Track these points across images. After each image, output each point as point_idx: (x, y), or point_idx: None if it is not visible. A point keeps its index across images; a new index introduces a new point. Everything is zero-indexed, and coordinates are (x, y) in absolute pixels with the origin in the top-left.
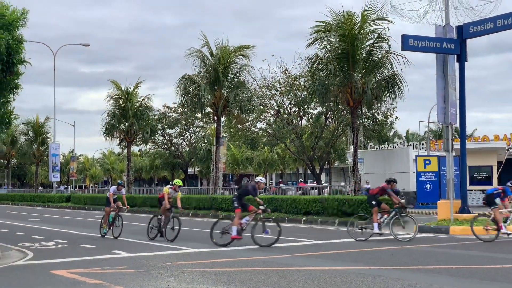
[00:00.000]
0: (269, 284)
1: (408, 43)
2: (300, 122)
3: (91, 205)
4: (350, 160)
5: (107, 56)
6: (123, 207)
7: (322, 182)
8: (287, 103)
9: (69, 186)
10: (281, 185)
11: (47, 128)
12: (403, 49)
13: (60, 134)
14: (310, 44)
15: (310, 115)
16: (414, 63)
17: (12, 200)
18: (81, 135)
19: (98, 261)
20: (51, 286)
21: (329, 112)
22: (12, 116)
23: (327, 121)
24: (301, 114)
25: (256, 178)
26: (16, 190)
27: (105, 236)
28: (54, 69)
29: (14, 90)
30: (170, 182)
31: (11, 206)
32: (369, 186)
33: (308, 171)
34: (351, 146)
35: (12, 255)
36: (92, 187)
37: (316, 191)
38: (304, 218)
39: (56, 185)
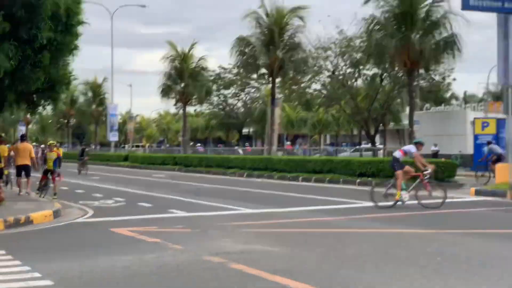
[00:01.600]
0: (324, 246)
1: (469, 2)
2: (355, 84)
3: (148, 164)
4: (406, 122)
5: (165, 17)
6: None
7: (377, 144)
8: (342, 65)
9: (126, 145)
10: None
11: (105, 89)
12: (463, 8)
13: (117, 94)
14: (366, 1)
15: (365, 77)
16: (474, 24)
17: (72, 158)
18: (138, 95)
19: (157, 220)
20: (112, 244)
21: (385, 74)
22: (72, 77)
23: (383, 83)
24: (356, 75)
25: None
26: (76, 148)
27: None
28: (112, 30)
29: (73, 51)
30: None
31: (70, 164)
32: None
33: (363, 133)
34: (407, 108)
35: (73, 213)
36: (148, 146)
37: (371, 153)
38: (358, 180)
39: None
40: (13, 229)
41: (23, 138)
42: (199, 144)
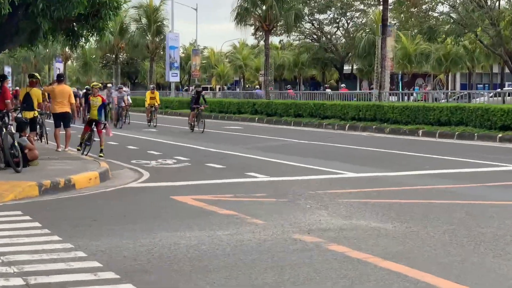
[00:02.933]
0: (453, 223)
1: None
2: (496, 4)
3: (219, 112)
4: None
5: None
6: None
7: None
8: None
9: (190, 88)
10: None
11: (163, 14)
12: None
13: (179, 20)
14: None
15: None
16: None
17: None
18: (205, 22)
19: (230, 186)
20: (174, 216)
21: None
22: None
23: None
24: None
25: None
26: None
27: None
28: None
29: None
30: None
31: (138, 115)
32: None
33: (506, 70)
34: None
35: (124, 175)
36: (220, 89)
37: None
38: (500, 135)
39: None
40: (50, 195)
41: (60, 78)
42: (257, 87)
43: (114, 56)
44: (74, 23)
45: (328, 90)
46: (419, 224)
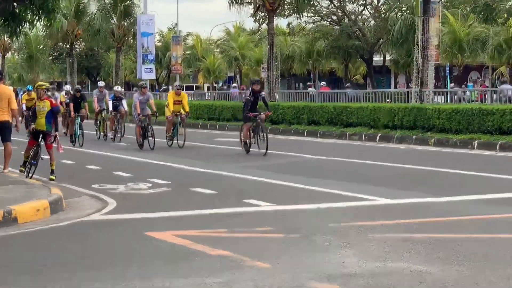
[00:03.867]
0: None
1: None
2: None
3: (208, 120)
4: None
5: None
6: None
7: None
8: None
9: (170, 87)
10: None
11: None
12: None
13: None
14: None
15: None
16: None
17: None
18: (189, 0)
19: (224, 217)
20: (150, 259)
21: None
22: None
23: None
24: None
25: None
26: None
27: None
28: None
29: None
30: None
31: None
32: None
33: None
34: None
35: (83, 204)
36: (209, 88)
37: None
38: None
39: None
40: None
41: None
42: (234, 85)
43: (68, 46)
44: (15, 3)
45: (311, 89)
46: (476, 267)
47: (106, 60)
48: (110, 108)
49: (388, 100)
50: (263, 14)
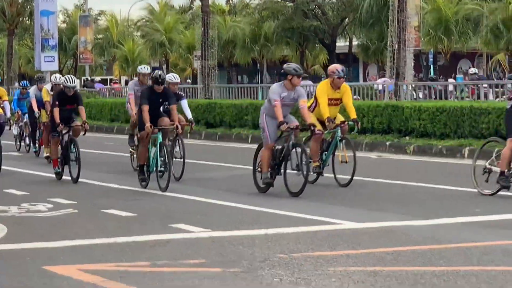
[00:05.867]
0: None
1: None
2: None
3: (124, 122)
4: None
5: None
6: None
7: None
8: None
9: (77, 81)
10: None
11: None
12: None
13: None
14: None
15: None
16: None
17: None
18: None
19: (145, 247)
20: None
21: None
22: None
23: None
24: None
25: None
26: None
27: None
28: None
29: None
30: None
31: None
32: None
33: None
34: None
35: None
36: (127, 82)
37: None
38: None
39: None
40: None
41: None
42: (89, 79)
43: None
44: None
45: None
46: None
47: None
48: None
49: (355, 97)
50: None
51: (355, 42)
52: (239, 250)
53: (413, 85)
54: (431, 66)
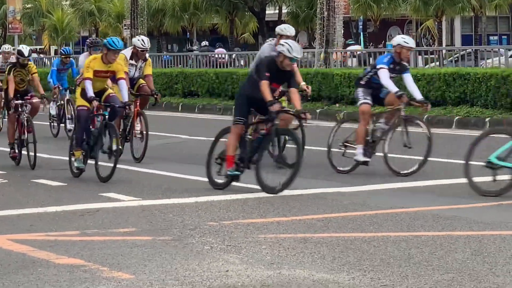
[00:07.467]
0: (451, 269)
1: None
2: None
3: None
4: None
5: None
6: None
7: None
8: None
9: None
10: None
11: None
12: None
13: None
14: None
15: None
16: None
17: None
18: None
19: (74, 216)
20: None
21: None
22: None
23: None
24: None
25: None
26: None
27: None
28: None
29: None
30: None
31: None
32: None
33: None
34: None
35: None
36: (56, 52)
37: None
38: None
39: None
40: None
41: None
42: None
43: None
44: None
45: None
46: (395, 274)
47: None
48: None
49: None
50: None
51: (284, 10)
52: (169, 218)
53: (342, 52)
54: (361, 34)
